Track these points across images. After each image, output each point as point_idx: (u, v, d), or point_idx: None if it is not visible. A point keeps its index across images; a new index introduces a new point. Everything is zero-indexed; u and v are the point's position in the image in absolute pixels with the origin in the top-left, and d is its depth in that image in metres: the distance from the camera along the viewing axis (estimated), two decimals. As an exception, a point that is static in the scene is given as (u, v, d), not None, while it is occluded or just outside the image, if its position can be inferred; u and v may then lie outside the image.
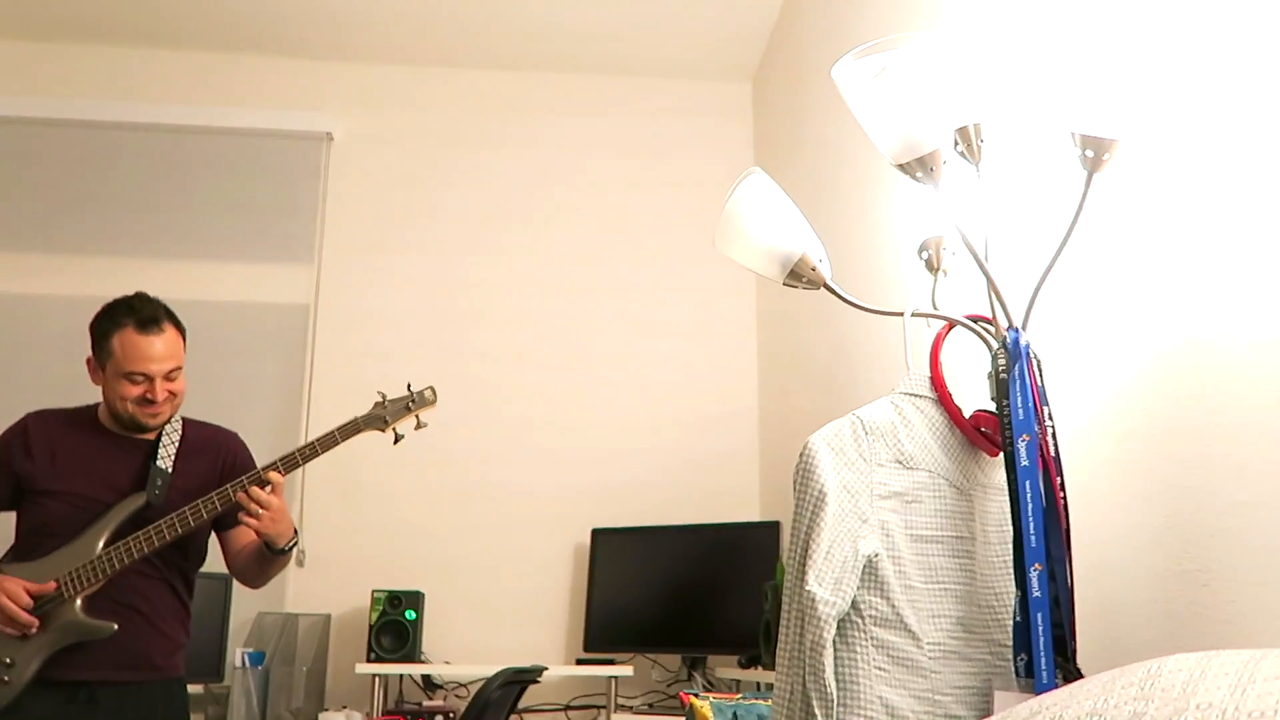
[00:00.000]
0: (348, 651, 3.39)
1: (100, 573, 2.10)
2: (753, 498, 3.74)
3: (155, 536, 2.12)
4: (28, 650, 2.06)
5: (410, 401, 2.36)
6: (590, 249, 3.94)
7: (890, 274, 2.39)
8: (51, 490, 2.17)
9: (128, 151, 3.82)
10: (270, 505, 2.14)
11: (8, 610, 2.02)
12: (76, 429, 2.25)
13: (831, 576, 1.24)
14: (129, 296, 2.23)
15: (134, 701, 2.14)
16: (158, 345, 2.16)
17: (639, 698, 3.45)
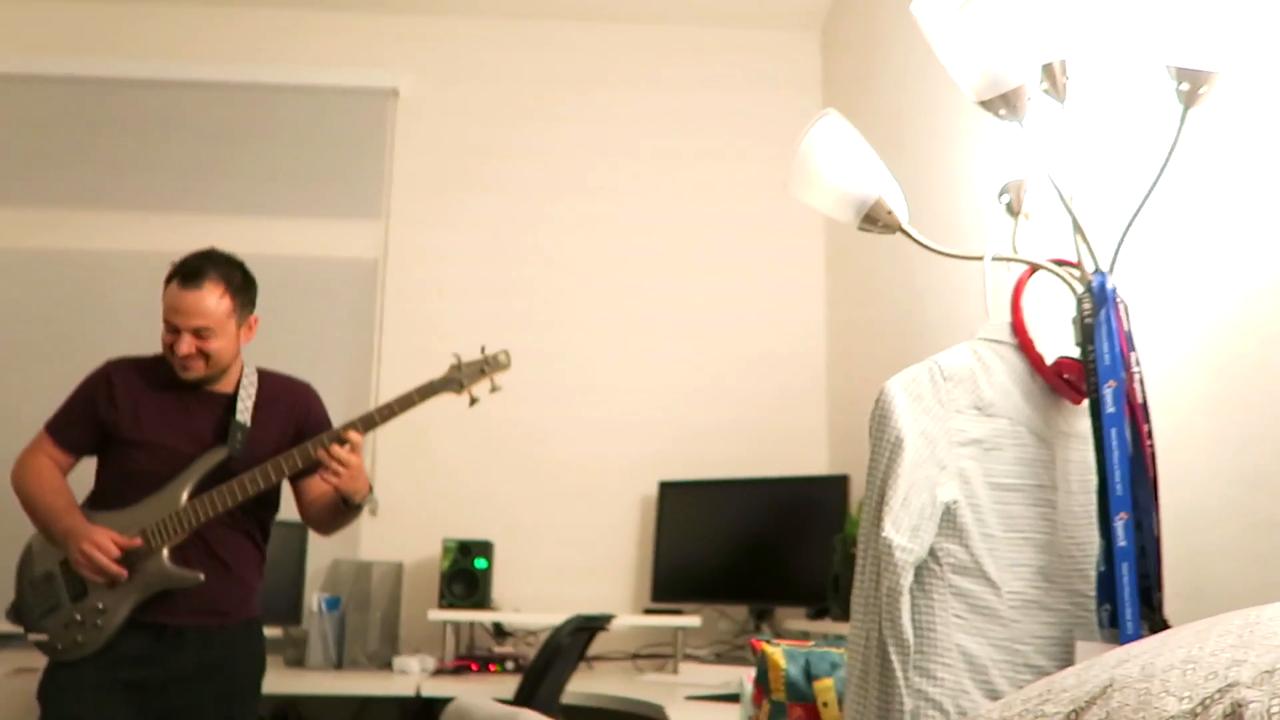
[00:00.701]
0: (419, 598, 3.46)
1: (186, 524, 2.16)
2: (820, 450, 3.71)
3: (239, 490, 2.18)
4: (118, 597, 2.13)
5: (485, 365, 2.38)
6: (656, 200, 3.92)
7: (968, 218, 2.33)
8: (136, 440, 2.23)
9: (201, 110, 3.87)
10: (349, 463, 2.18)
11: (98, 561, 2.09)
12: (156, 380, 2.30)
13: (908, 523, 1.22)
14: (203, 250, 2.28)
15: (216, 641, 2.22)
16: (188, 299, 2.19)
17: (706, 648, 3.47)
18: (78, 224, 3.77)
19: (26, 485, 2.24)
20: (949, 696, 1.19)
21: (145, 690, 2.15)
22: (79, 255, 3.72)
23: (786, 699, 1.43)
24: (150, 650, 2.16)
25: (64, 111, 3.84)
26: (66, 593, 2.15)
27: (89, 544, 2.09)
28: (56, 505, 2.20)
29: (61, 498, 2.22)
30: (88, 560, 2.09)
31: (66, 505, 2.21)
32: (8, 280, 3.70)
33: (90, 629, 2.12)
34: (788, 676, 1.44)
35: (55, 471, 2.27)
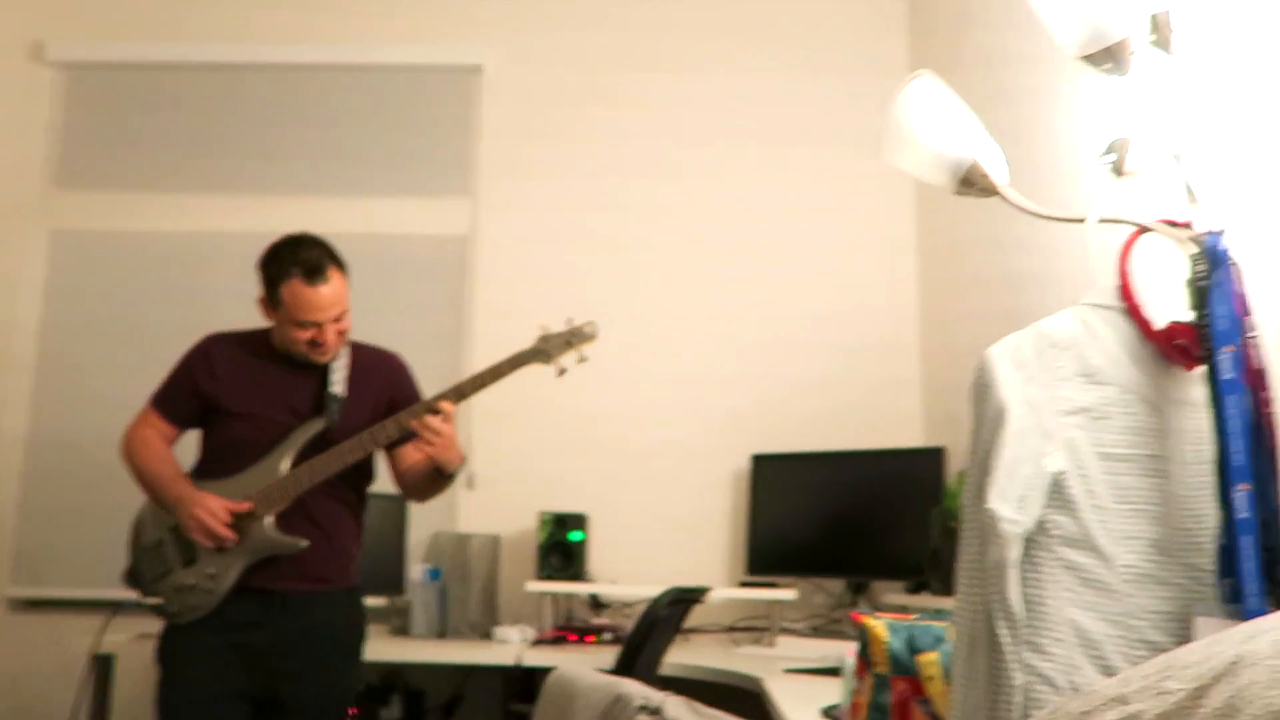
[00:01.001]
0: (517, 570, 3.52)
1: (288, 493, 2.23)
2: (914, 422, 3.65)
3: (338, 460, 2.24)
4: (227, 562, 2.22)
5: (571, 336, 2.40)
6: (742, 172, 3.88)
7: (1070, 179, 2.24)
8: (237, 412, 2.30)
9: (289, 93, 3.97)
10: (443, 433, 2.23)
11: (209, 525, 2.17)
12: (254, 353, 2.37)
13: (1014, 495, 1.19)
14: (295, 240, 2.29)
15: (319, 607, 2.30)
16: (324, 294, 2.24)
17: (802, 621, 3.46)
18: (176, 207, 3.91)
19: (136, 456, 2.33)
20: (1061, 671, 1.16)
21: (254, 654, 2.23)
22: (178, 237, 3.87)
23: (890, 672, 1.42)
24: (257, 615, 2.24)
25: (158, 97, 3.98)
26: (178, 558, 2.24)
27: (200, 509, 2.17)
28: (165, 474, 2.29)
29: (170, 467, 2.31)
30: (199, 525, 2.17)
31: (175, 474, 2.30)
32: (112, 263, 3.87)
33: (201, 593, 2.21)
34: (890, 650, 1.43)
35: (162, 442, 2.36)
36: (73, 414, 3.74)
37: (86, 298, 3.85)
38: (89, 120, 3.99)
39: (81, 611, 3.43)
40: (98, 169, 3.95)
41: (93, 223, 3.91)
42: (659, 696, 1.52)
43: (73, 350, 3.81)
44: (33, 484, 3.72)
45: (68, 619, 3.54)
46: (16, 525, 3.69)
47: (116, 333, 3.79)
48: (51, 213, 3.92)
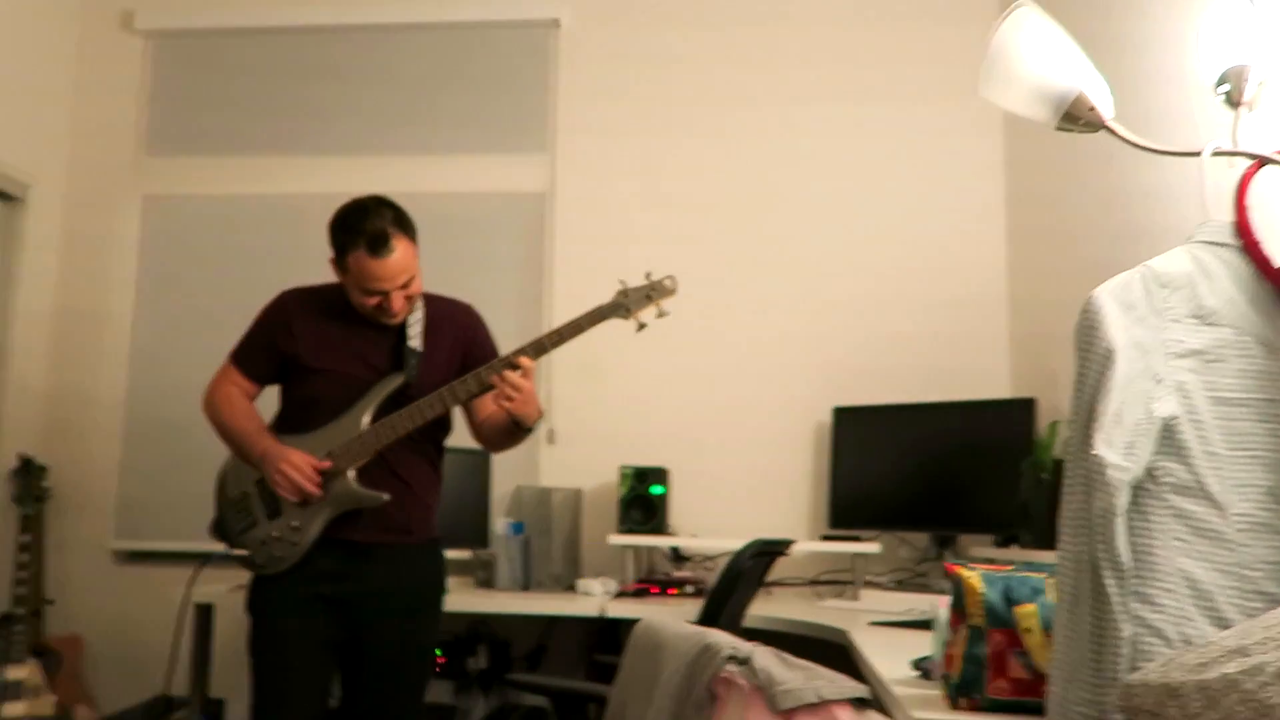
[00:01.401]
0: (599, 523, 3.55)
1: (369, 447, 2.25)
2: (1002, 373, 3.56)
3: (419, 415, 2.25)
4: (311, 515, 2.25)
5: (651, 291, 2.37)
6: (824, 119, 3.79)
7: (1179, 111, 2.13)
8: (317, 368, 2.31)
9: (368, 55, 4.00)
10: (521, 388, 2.22)
11: (296, 481, 2.20)
12: (331, 308, 2.36)
13: (1122, 440, 1.14)
14: (361, 209, 2.24)
15: (401, 558, 2.31)
16: (389, 264, 2.21)
17: (886, 575, 3.42)
18: (261, 170, 3.98)
19: (219, 413, 2.36)
20: (1171, 623, 1.11)
21: (339, 604, 2.26)
22: (263, 199, 3.95)
23: (985, 625, 1.39)
24: (342, 567, 2.27)
25: (241, 62, 4.05)
26: (263, 511, 2.28)
27: (286, 464, 2.20)
28: (250, 429, 2.31)
29: (253, 422, 2.34)
30: (286, 480, 2.20)
31: (259, 429, 2.32)
32: (201, 225, 3.97)
33: (287, 545, 2.25)
34: (986, 601, 1.39)
35: (243, 398, 2.38)
36: (167, 371, 3.86)
37: (178, 259, 3.96)
38: (177, 87, 4.08)
39: (180, 563, 3.57)
40: (185, 135, 4.04)
41: (182, 187, 4.01)
42: (747, 646, 1.51)
43: (166, 310, 3.92)
44: (132, 441, 3.86)
45: (167, 570, 3.68)
46: (119, 481, 3.84)
47: (207, 292, 3.89)
48: (143, 178, 4.03)
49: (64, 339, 3.96)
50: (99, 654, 3.75)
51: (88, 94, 4.09)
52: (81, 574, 3.81)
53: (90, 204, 4.03)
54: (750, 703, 1.42)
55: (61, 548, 3.80)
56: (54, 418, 3.90)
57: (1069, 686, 1.15)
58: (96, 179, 4.04)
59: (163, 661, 3.28)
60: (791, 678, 1.41)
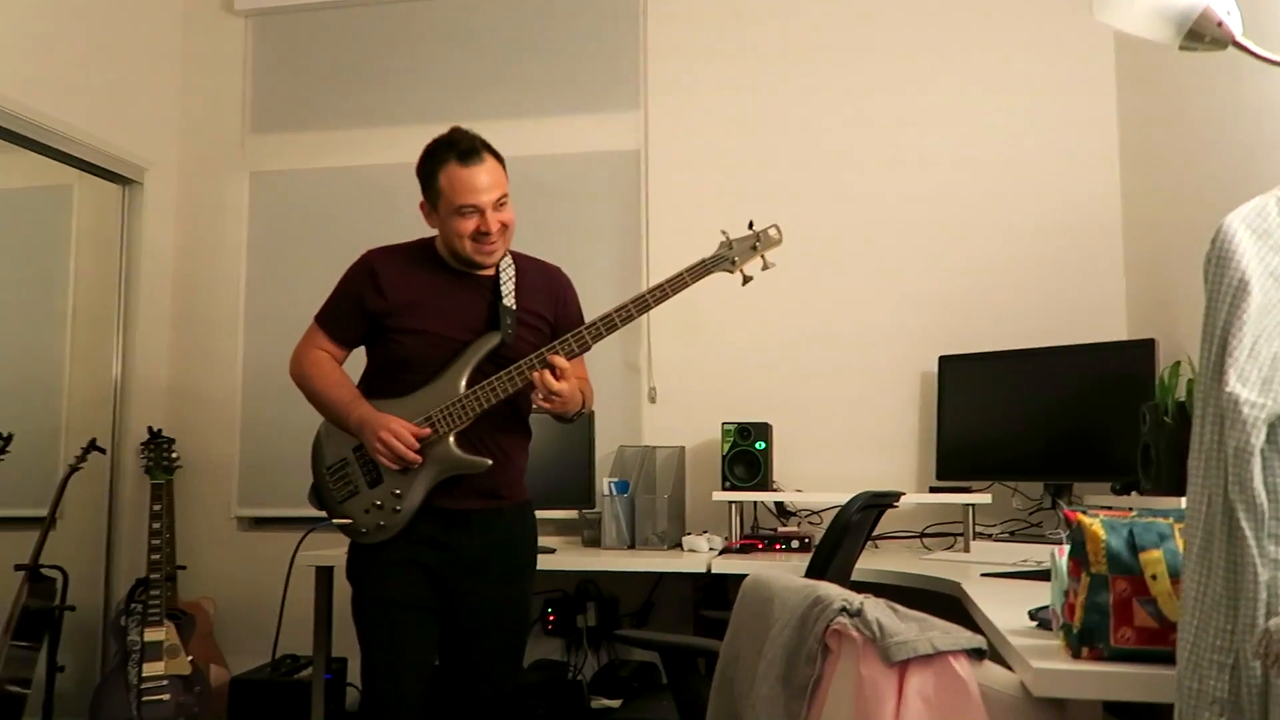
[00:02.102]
0: (703, 480, 3.55)
1: (469, 412, 2.20)
2: (1118, 314, 3.42)
3: (518, 377, 2.20)
4: (412, 482, 2.21)
5: (756, 241, 2.30)
6: (923, 55, 3.67)
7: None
8: (408, 329, 2.23)
9: (457, 20, 4.02)
10: (561, 391, 2.18)
11: (397, 449, 2.16)
12: (420, 265, 2.30)
13: (1258, 375, 1.08)
14: (446, 133, 2.23)
15: (496, 524, 2.30)
16: (482, 176, 2.17)
17: (996, 525, 3.34)
18: (360, 142, 4.06)
19: (310, 379, 2.31)
20: (1313, 566, 1.05)
21: (438, 572, 2.25)
22: (363, 171, 4.02)
23: (1109, 572, 1.33)
24: (440, 534, 2.25)
25: (336, 36, 4.13)
26: (362, 479, 2.25)
27: (387, 432, 2.16)
28: (344, 397, 2.25)
29: (347, 390, 2.27)
30: (386, 448, 2.17)
31: (354, 396, 2.26)
32: (306, 198, 4.08)
33: (390, 513, 2.22)
34: (1109, 548, 1.33)
35: (332, 364, 2.32)
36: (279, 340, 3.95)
37: (285, 232, 4.08)
38: (276, 65, 4.18)
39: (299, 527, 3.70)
40: (287, 111, 4.15)
41: (285, 162, 4.12)
42: (858, 598, 1.49)
43: (276, 282, 4.05)
44: (250, 409, 4.01)
45: (288, 535, 3.81)
46: (240, 449, 4.00)
47: (313, 263, 3.99)
48: (250, 155, 4.15)
49: (183, 316, 4.13)
50: (228, 616, 3.93)
51: (195, 77, 4.23)
52: (209, 540, 4.00)
53: (202, 183, 4.17)
54: (863, 655, 1.40)
55: (190, 515, 3.99)
56: (177, 390, 4.09)
57: (1201, 634, 1.10)
58: (207, 159, 4.18)
59: (286, 622, 3.42)
60: (905, 629, 1.39)
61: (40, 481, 3.58)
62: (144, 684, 3.38)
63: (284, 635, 3.51)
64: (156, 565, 3.52)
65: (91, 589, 3.80)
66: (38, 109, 3.49)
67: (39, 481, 3.58)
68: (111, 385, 3.95)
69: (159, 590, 3.50)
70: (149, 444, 3.72)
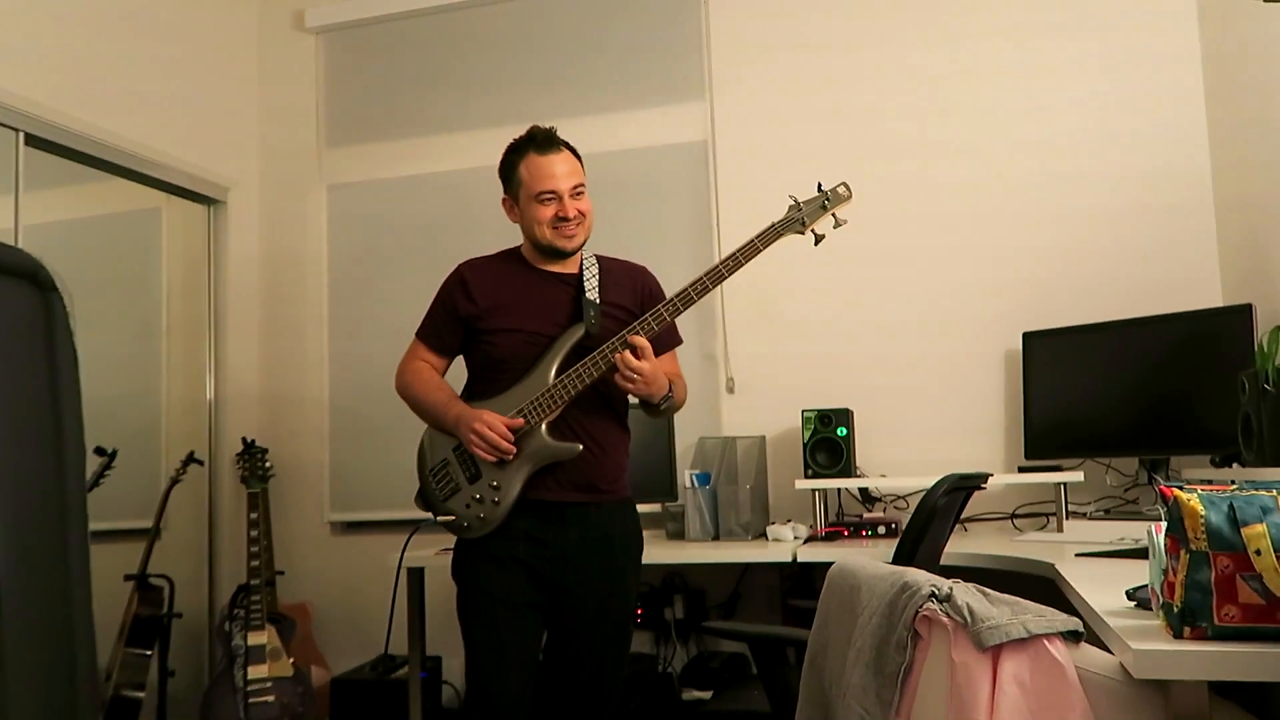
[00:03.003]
0: (785, 469, 3.53)
1: (558, 400, 2.24)
2: (1212, 281, 3.30)
3: (602, 360, 2.23)
4: (509, 474, 2.26)
5: (826, 200, 2.29)
6: (1000, 24, 3.58)
7: None
8: (498, 329, 2.32)
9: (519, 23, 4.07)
10: (641, 370, 2.19)
11: (489, 439, 2.22)
12: (508, 269, 2.39)
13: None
14: (525, 131, 2.37)
15: (594, 518, 2.32)
16: (559, 164, 2.29)
17: (1090, 504, 3.26)
18: (433, 149, 4.13)
19: (411, 388, 2.41)
20: None
21: (537, 568, 2.29)
22: (438, 177, 4.09)
23: (1209, 548, 1.29)
24: (538, 529, 2.29)
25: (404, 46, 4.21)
26: (462, 475, 2.30)
27: (480, 424, 2.22)
28: (440, 399, 2.34)
29: (443, 392, 2.37)
30: (480, 439, 2.22)
31: (450, 396, 2.36)
32: (382, 207, 4.17)
33: (489, 505, 2.27)
34: (1208, 524, 1.29)
35: (432, 370, 2.42)
36: (361, 348, 4.09)
37: (363, 242, 4.18)
38: (348, 79, 4.28)
39: (390, 530, 3.79)
40: (361, 124, 4.25)
41: (361, 174, 4.22)
42: (946, 583, 1.47)
43: (357, 290, 4.15)
44: (337, 417, 4.12)
45: (380, 538, 3.93)
46: (329, 456, 4.11)
47: (392, 271, 4.09)
48: (326, 169, 4.26)
49: (270, 328, 4.26)
50: (325, 619, 4.05)
51: (270, 96, 4.35)
52: (304, 546, 4.12)
53: (282, 198, 4.30)
54: (955, 641, 1.38)
55: (285, 522, 4.11)
56: (268, 400, 4.21)
57: (1311, 610, 1.05)
58: (286, 175, 4.30)
59: (382, 623, 3.50)
60: (996, 613, 1.36)
61: (144, 494, 3.72)
62: (250, 686, 3.50)
63: (379, 636, 3.60)
64: (256, 571, 3.63)
65: (196, 596, 3.95)
66: (124, 135, 3.63)
67: (142, 494, 3.72)
68: (206, 398, 4.09)
69: (259, 595, 3.61)
70: (244, 454, 3.84)
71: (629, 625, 2.41)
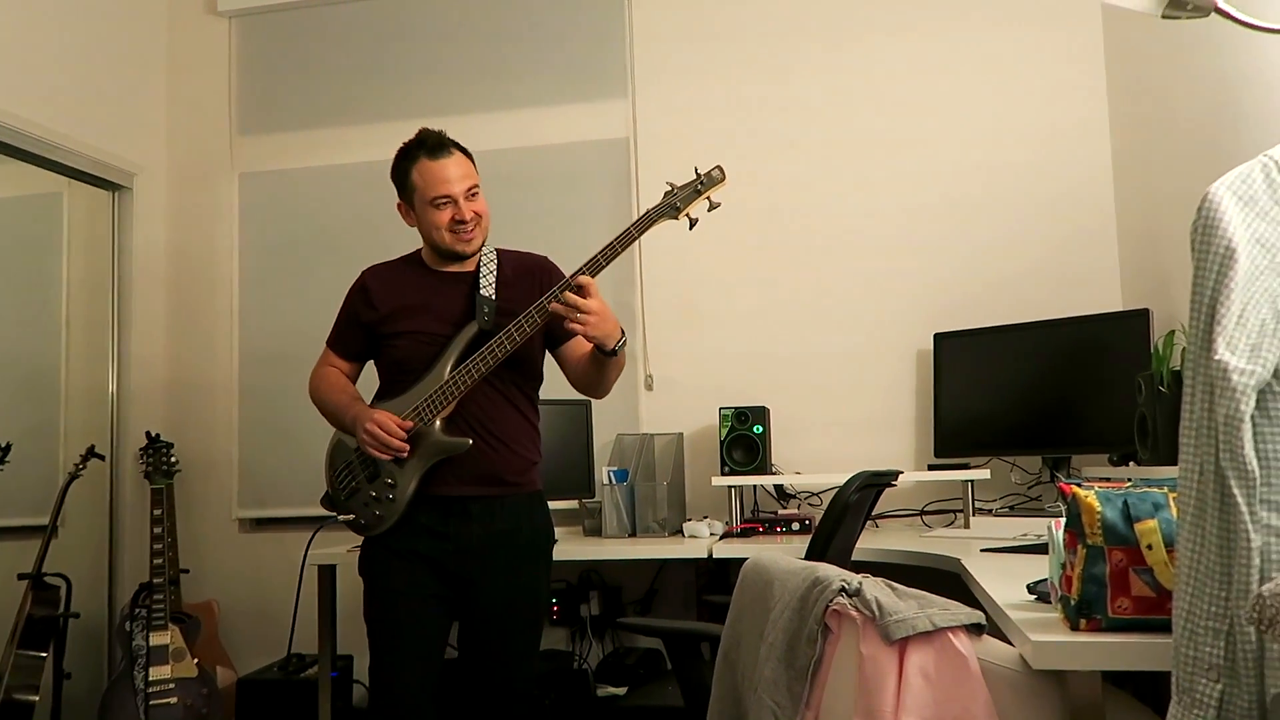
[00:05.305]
0: (702, 466, 3.56)
1: (450, 395, 2.26)
2: (1112, 287, 3.42)
3: (489, 355, 2.24)
4: (404, 471, 2.29)
5: (699, 184, 2.31)
6: (911, 29, 3.66)
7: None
8: (398, 332, 2.35)
9: (440, 14, 4.01)
10: (590, 308, 2.18)
11: (381, 437, 2.24)
12: (407, 273, 2.42)
13: (1246, 343, 1.08)
14: (414, 136, 2.35)
15: (500, 512, 2.32)
16: (452, 167, 2.29)
17: (996, 501, 3.35)
18: (348, 139, 4.05)
19: (318, 391, 2.46)
20: (1306, 531, 1.06)
21: (442, 562, 2.29)
22: (352, 168, 4.01)
23: (1105, 543, 1.34)
24: (440, 524, 2.30)
25: (319, 35, 4.11)
26: (364, 474, 2.34)
27: (371, 423, 2.24)
28: (342, 401, 2.39)
29: (345, 394, 2.41)
30: (372, 438, 2.24)
31: (351, 399, 2.39)
32: (295, 197, 4.07)
33: (385, 502, 2.30)
34: (1104, 519, 1.34)
35: (338, 374, 2.47)
36: (274, 342, 3.99)
37: (277, 233, 4.07)
38: (261, 65, 4.17)
39: (300, 527, 3.72)
40: (273, 111, 4.14)
41: (274, 163, 4.11)
42: (856, 578, 1.49)
43: (269, 283, 4.05)
44: (247, 412, 4.02)
45: (289, 535, 3.84)
46: (239, 451, 4.00)
47: (306, 263, 4.00)
48: (238, 157, 4.14)
49: (177, 319, 4.13)
50: (233, 617, 3.95)
51: (180, 80, 4.22)
52: (211, 543, 4.01)
53: (191, 186, 4.17)
54: (864, 634, 1.41)
55: (191, 519, 4.00)
56: (175, 394, 4.09)
57: (1196, 601, 1.10)
58: (195, 162, 4.17)
59: (289, 622, 3.43)
60: (904, 607, 1.40)
61: (40, 490, 3.58)
62: (151, 688, 3.39)
63: (290, 635, 3.53)
64: (159, 569, 3.52)
65: (95, 596, 3.81)
66: (25, 117, 3.48)
67: (39, 490, 3.58)
68: (108, 391, 3.95)
69: (162, 594, 3.50)
70: (148, 449, 3.72)
71: (539, 618, 2.42)
